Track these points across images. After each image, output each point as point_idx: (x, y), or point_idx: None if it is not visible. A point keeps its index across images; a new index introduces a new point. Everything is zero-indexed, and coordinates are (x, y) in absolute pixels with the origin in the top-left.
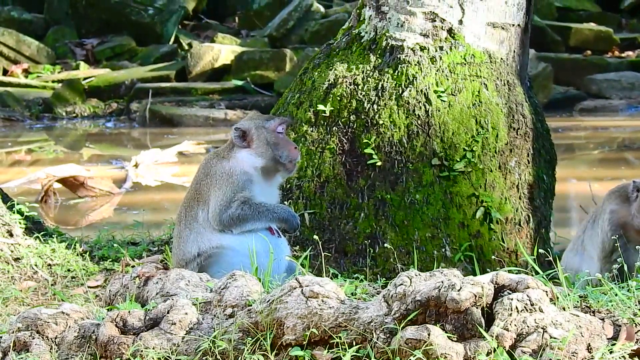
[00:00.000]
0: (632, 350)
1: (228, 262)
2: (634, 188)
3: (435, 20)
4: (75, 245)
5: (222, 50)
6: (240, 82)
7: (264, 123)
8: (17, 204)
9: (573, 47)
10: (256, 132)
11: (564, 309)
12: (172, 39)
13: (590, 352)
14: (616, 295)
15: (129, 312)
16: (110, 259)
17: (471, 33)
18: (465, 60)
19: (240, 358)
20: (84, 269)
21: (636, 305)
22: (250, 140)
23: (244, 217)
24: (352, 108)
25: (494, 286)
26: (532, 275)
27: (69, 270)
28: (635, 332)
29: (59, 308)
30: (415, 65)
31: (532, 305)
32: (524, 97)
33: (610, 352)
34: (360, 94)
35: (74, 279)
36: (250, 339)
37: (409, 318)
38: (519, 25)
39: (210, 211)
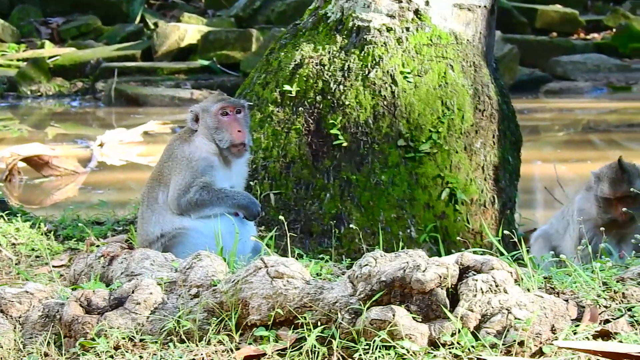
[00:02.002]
0: (595, 331)
1: (193, 243)
2: (594, 178)
3: (401, 1)
4: (39, 224)
5: (188, 29)
6: (206, 62)
7: (207, 106)
8: None
9: (539, 28)
10: (201, 115)
11: (528, 290)
12: (138, 19)
13: (554, 333)
14: (580, 276)
15: (93, 291)
16: (75, 239)
17: (438, 14)
18: (432, 42)
19: (205, 338)
20: (48, 249)
21: (600, 286)
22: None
23: (202, 202)
24: (318, 88)
25: (459, 267)
26: (497, 256)
27: (33, 249)
28: (599, 314)
29: (23, 287)
30: (382, 46)
31: (496, 286)
32: (490, 78)
33: (574, 333)
34: (327, 74)
35: (38, 258)
36: (215, 319)
37: (374, 299)
38: (485, 6)
39: (169, 195)
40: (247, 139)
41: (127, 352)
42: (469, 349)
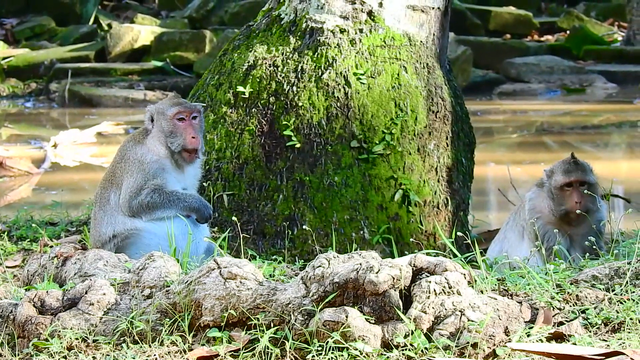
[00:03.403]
0: (549, 333)
1: (145, 244)
2: (546, 174)
3: (355, 3)
4: None
5: (142, 31)
6: (159, 63)
7: (164, 108)
8: None
9: (492, 30)
10: (156, 117)
11: (481, 292)
12: (92, 20)
13: (507, 335)
14: (534, 278)
15: (47, 292)
16: (29, 239)
17: (391, 15)
18: (385, 43)
19: (158, 339)
20: (1, 249)
21: (554, 288)
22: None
23: (154, 204)
24: (272, 90)
25: (412, 269)
26: (450, 258)
27: None
28: (553, 316)
29: None
30: (335, 47)
31: (450, 288)
32: (444, 80)
33: (528, 335)
34: (280, 75)
35: None
36: (168, 319)
37: (327, 300)
38: (438, 8)
39: (121, 196)
40: (200, 145)
41: (80, 352)
42: (422, 351)
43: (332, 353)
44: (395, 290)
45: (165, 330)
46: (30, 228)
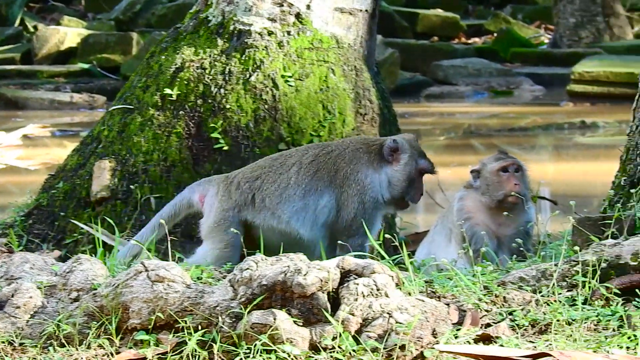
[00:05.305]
0: (476, 335)
1: None
2: (474, 172)
3: (283, 5)
4: None
5: (69, 33)
6: (86, 66)
7: (418, 158)
8: None
9: (420, 33)
10: (408, 159)
11: (409, 294)
12: (18, 22)
13: (435, 337)
14: (461, 280)
15: None
16: None
17: (319, 18)
18: (313, 45)
19: (85, 342)
20: None
21: (481, 290)
22: (395, 159)
23: None
24: (199, 92)
25: (340, 271)
26: (378, 260)
27: None
28: (480, 318)
29: None
30: (263, 49)
31: (377, 290)
32: (371, 82)
33: (456, 337)
34: (208, 78)
35: None
36: (96, 322)
37: (254, 302)
38: (366, 10)
39: None
40: None
41: (6, 356)
42: (350, 353)
43: (260, 355)
44: (323, 292)
45: (93, 334)
46: None
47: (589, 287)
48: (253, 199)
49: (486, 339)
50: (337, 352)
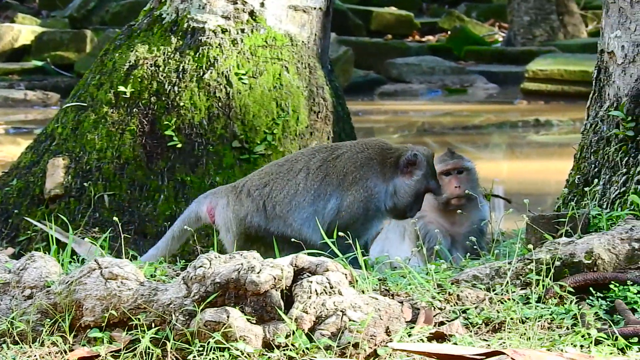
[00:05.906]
0: (430, 333)
1: None
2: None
3: (237, 3)
4: None
5: (22, 30)
6: (40, 63)
7: (430, 179)
8: None
9: (374, 31)
10: (422, 176)
11: (363, 292)
12: None
13: (389, 335)
14: (415, 278)
15: None
16: None
17: (273, 16)
18: (267, 43)
19: (38, 339)
20: None
21: (435, 288)
22: (409, 173)
23: None
24: (153, 90)
25: (294, 269)
26: (332, 258)
27: None
28: (434, 316)
29: None
30: (217, 47)
31: (331, 288)
32: (325, 80)
33: (409, 335)
34: (161, 75)
35: None
36: (49, 320)
37: (208, 300)
38: (320, 8)
39: None
40: None
41: None
42: (303, 351)
43: (213, 353)
44: (276, 290)
45: (46, 331)
46: None
47: (543, 285)
48: (264, 206)
49: (440, 337)
50: (291, 350)
